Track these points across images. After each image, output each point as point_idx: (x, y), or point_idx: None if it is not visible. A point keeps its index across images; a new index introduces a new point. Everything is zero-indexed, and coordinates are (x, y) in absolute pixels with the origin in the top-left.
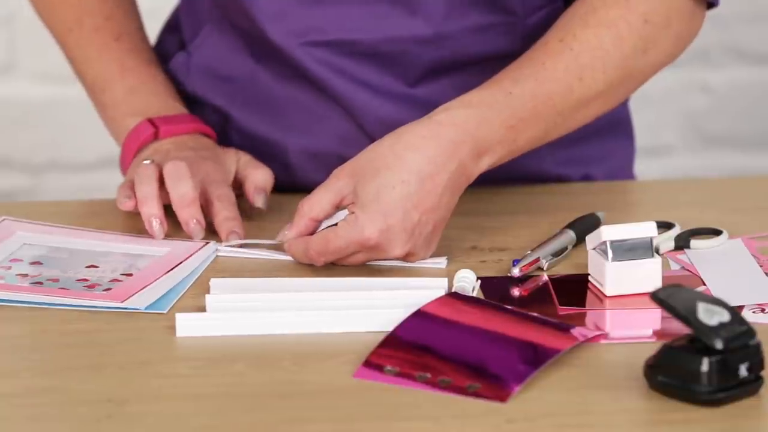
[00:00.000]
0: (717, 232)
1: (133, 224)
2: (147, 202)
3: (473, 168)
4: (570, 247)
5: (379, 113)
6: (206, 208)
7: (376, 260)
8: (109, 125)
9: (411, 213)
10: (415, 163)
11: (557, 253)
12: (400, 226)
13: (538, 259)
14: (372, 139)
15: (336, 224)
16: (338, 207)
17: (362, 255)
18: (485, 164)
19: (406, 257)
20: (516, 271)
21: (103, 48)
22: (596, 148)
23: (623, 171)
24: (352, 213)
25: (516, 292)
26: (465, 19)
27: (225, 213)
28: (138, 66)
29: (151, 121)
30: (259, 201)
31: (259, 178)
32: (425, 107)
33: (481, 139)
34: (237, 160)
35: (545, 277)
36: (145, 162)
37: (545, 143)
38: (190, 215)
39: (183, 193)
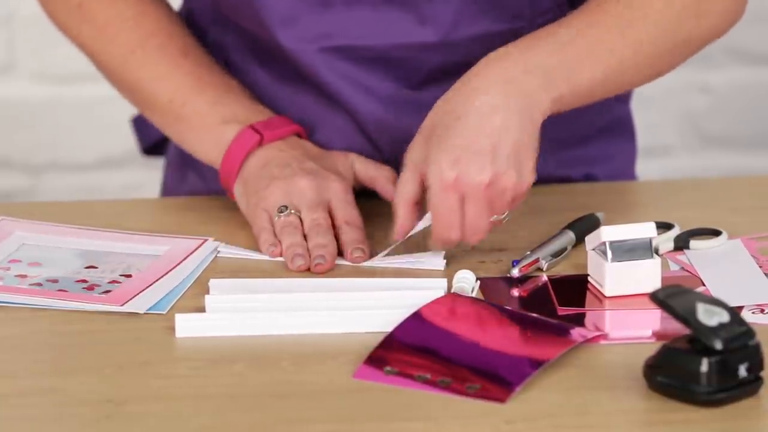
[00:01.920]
0: (716, 233)
1: (133, 224)
2: (294, 249)
3: (537, 89)
4: (569, 248)
5: (381, 117)
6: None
7: (492, 210)
8: (192, 136)
9: (477, 138)
10: (467, 99)
11: (557, 254)
12: (470, 152)
13: (537, 260)
14: (373, 142)
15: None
16: (422, 182)
17: (472, 206)
18: (553, 91)
19: (497, 184)
20: (515, 272)
21: (174, 65)
22: (598, 148)
23: (625, 172)
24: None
25: (515, 292)
26: (474, 26)
27: (351, 236)
28: (213, 78)
29: (253, 127)
30: None
31: (390, 176)
32: (428, 110)
33: (531, 62)
34: (351, 165)
35: (545, 277)
36: (283, 214)
37: (600, 97)
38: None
39: (320, 243)
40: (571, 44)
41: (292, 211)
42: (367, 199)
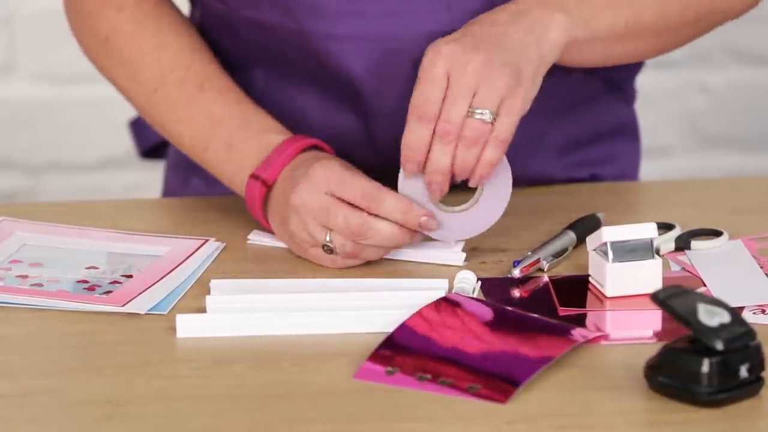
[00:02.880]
0: (717, 233)
1: (134, 224)
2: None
3: (549, 22)
4: (570, 248)
5: (390, 114)
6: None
7: (477, 98)
8: (222, 180)
9: (481, 32)
10: (481, 17)
11: (558, 254)
12: (472, 36)
13: (538, 260)
14: (375, 143)
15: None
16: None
17: (458, 78)
18: (562, 21)
19: (489, 68)
20: (516, 272)
21: (190, 104)
22: (604, 150)
23: (630, 174)
24: None
25: (516, 293)
26: None
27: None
28: (225, 113)
29: (254, 176)
30: None
31: None
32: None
33: (548, 0)
34: None
35: (546, 278)
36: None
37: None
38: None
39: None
40: None
41: (329, 244)
42: None
